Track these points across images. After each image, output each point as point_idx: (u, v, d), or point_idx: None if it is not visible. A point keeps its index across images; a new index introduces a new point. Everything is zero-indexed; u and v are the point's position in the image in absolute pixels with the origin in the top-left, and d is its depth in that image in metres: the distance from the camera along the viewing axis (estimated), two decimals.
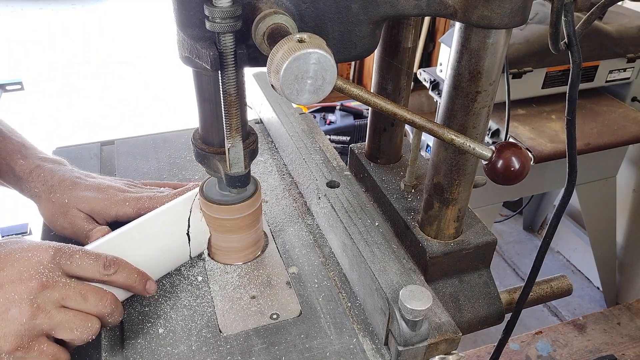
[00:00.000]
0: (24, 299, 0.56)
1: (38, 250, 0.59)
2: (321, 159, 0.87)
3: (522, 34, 1.68)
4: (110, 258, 0.63)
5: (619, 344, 1.79)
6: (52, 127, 3.69)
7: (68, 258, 0.60)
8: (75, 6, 6.12)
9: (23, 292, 0.56)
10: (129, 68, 4.71)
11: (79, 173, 0.81)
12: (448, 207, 0.76)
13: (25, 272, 0.57)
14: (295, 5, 0.58)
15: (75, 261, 0.61)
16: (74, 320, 0.58)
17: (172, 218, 0.74)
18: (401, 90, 0.87)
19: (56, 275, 0.59)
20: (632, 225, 2.27)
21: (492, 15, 0.58)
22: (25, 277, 0.57)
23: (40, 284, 0.57)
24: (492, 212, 1.91)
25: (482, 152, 0.62)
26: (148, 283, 0.67)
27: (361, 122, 2.94)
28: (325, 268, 0.77)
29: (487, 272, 0.82)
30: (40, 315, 0.57)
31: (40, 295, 0.57)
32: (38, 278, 0.57)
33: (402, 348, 0.61)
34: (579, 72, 0.65)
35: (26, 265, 0.58)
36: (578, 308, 2.40)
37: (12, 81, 2.44)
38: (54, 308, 0.58)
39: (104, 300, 0.61)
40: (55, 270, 0.59)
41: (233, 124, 0.61)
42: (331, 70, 0.49)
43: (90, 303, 0.60)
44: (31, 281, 0.57)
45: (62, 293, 0.58)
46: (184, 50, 0.60)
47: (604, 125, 1.78)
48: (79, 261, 0.61)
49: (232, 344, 0.66)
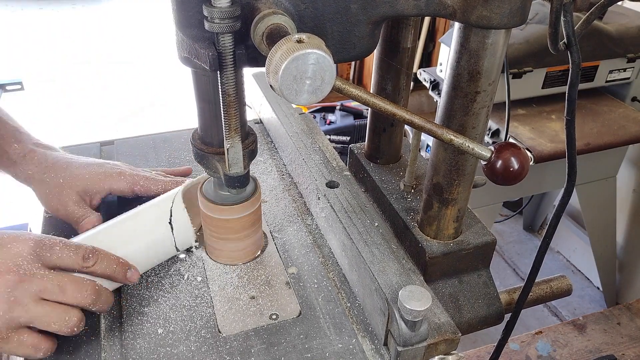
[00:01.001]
0: (0, 293, 0.56)
1: (17, 242, 0.59)
2: (321, 159, 0.87)
3: (522, 34, 1.68)
4: (90, 249, 0.64)
5: (619, 344, 1.78)
6: (52, 127, 3.69)
7: (48, 250, 0.61)
8: (75, 6, 6.12)
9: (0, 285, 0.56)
10: (129, 68, 4.71)
11: (72, 155, 0.82)
12: (447, 207, 0.76)
13: (3, 265, 0.57)
14: (294, 5, 0.58)
15: (55, 253, 0.61)
16: (51, 313, 0.59)
17: (156, 210, 0.74)
18: (401, 91, 0.87)
19: (34, 268, 0.59)
20: (632, 225, 2.27)
21: (491, 16, 0.58)
22: (2, 270, 0.57)
23: (18, 277, 0.57)
24: (492, 212, 1.91)
25: (481, 152, 0.62)
26: (129, 272, 0.67)
27: (361, 122, 2.93)
28: (324, 268, 0.77)
29: (487, 272, 0.82)
30: (17, 308, 0.57)
31: (17, 288, 0.57)
32: (15, 271, 0.57)
33: (402, 348, 0.61)
34: (579, 72, 0.65)
35: (4, 257, 0.58)
36: (578, 308, 2.40)
37: (12, 81, 2.43)
38: (32, 301, 0.58)
39: (83, 291, 0.61)
40: (34, 262, 0.59)
41: (232, 124, 0.61)
42: (330, 71, 0.49)
43: (68, 295, 0.60)
44: (8, 274, 0.57)
45: (40, 286, 0.58)
46: (183, 51, 0.60)
47: (604, 125, 1.78)
48: (58, 253, 0.61)
49: (231, 344, 0.66)
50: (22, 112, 3.81)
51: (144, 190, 0.80)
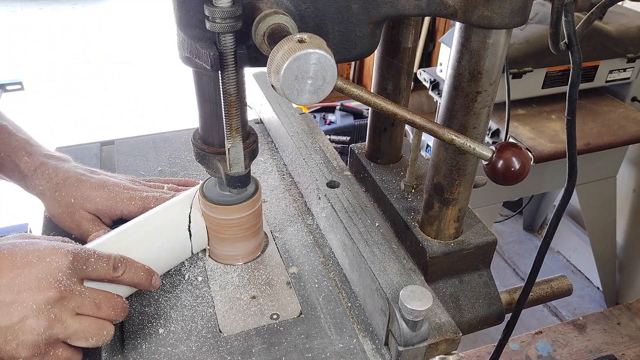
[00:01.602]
0: (41, 310, 0.56)
1: (56, 255, 0.59)
2: (321, 159, 0.87)
3: (522, 34, 1.68)
4: (119, 258, 0.64)
5: (619, 344, 1.78)
6: (52, 127, 3.69)
7: (84, 262, 0.60)
8: (75, 6, 6.12)
9: (41, 302, 0.56)
10: (129, 68, 4.71)
11: (83, 170, 0.81)
12: (448, 207, 0.76)
13: (44, 280, 0.57)
14: (295, 5, 0.58)
15: (91, 265, 0.61)
16: (89, 329, 0.59)
17: (173, 215, 0.74)
18: (401, 90, 0.87)
19: (73, 283, 0.59)
20: (632, 225, 2.27)
21: (492, 16, 0.58)
22: (43, 286, 0.56)
23: (59, 293, 0.57)
24: (492, 212, 1.91)
25: (482, 152, 0.62)
26: (153, 278, 0.67)
27: (361, 122, 2.93)
28: (325, 268, 0.77)
29: (487, 272, 0.82)
30: (57, 325, 0.57)
31: (57, 305, 0.57)
32: (57, 287, 0.57)
33: (403, 348, 0.61)
34: (579, 72, 0.65)
35: (45, 272, 0.57)
36: (578, 308, 2.40)
37: (12, 81, 2.43)
38: (70, 317, 0.58)
39: (116, 308, 0.62)
40: (72, 277, 0.59)
41: (233, 124, 0.61)
42: (331, 71, 0.49)
43: (103, 311, 0.61)
44: (50, 290, 0.56)
45: (78, 302, 0.59)
46: (184, 51, 0.60)
47: (604, 125, 1.78)
48: (94, 265, 0.61)
49: (232, 344, 0.66)
50: (22, 112, 3.81)
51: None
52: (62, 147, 1.01)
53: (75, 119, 3.86)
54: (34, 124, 3.64)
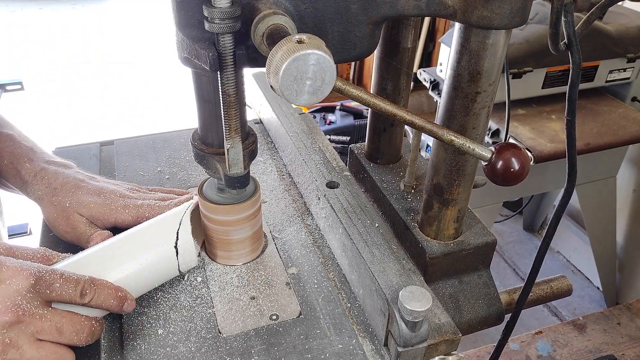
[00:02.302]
0: None
1: (17, 277, 0.56)
2: (321, 159, 0.87)
3: (522, 34, 1.68)
4: (88, 282, 0.61)
5: (619, 344, 1.78)
6: (52, 127, 3.69)
7: (48, 286, 0.58)
8: (75, 6, 6.12)
9: None
10: (129, 68, 4.71)
11: (83, 176, 0.80)
12: (448, 208, 0.76)
13: (1, 303, 0.54)
14: (294, 5, 0.58)
15: (55, 290, 0.58)
16: (47, 358, 0.57)
17: (159, 232, 0.71)
18: (401, 91, 0.87)
19: (33, 307, 0.56)
20: (632, 225, 2.27)
21: (492, 16, 0.58)
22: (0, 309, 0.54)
23: (16, 317, 0.55)
24: (492, 212, 1.91)
25: (481, 152, 0.62)
26: (125, 304, 0.64)
27: (361, 122, 2.93)
28: (324, 269, 0.77)
29: (487, 273, 0.82)
30: (12, 351, 0.55)
31: (13, 329, 0.55)
32: (14, 311, 0.55)
33: (402, 349, 0.61)
34: (579, 72, 0.65)
35: (2, 295, 0.55)
36: (578, 308, 2.40)
37: (12, 81, 2.43)
38: (27, 342, 0.56)
39: (81, 333, 0.60)
40: (33, 300, 0.56)
41: (232, 125, 0.61)
42: (330, 71, 0.49)
43: (65, 336, 0.58)
44: (6, 314, 0.54)
45: (38, 326, 0.56)
46: (183, 51, 0.60)
47: (604, 125, 1.78)
48: (58, 290, 0.59)
49: (231, 344, 0.66)
50: (22, 112, 3.82)
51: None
52: (61, 147, 1.01)
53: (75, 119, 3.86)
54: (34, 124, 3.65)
